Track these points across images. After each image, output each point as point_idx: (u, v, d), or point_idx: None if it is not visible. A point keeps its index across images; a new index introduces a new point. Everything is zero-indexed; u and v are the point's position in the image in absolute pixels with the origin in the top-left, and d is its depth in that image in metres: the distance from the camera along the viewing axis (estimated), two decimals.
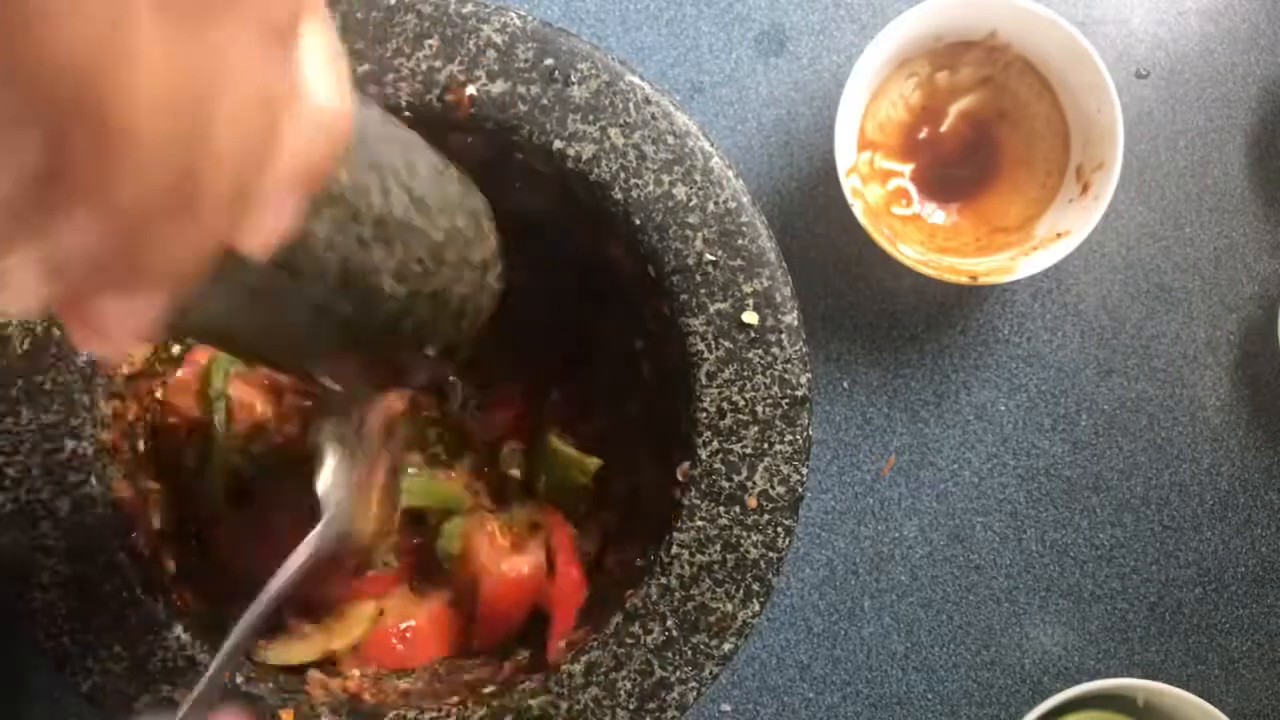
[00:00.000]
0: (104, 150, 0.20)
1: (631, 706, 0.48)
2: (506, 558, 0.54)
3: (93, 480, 0.48)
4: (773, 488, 0.48)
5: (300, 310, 0.33)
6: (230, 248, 0.24)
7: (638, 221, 0.49)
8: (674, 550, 0.48)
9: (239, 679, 0.48)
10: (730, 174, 0.49)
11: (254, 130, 0.23)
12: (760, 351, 0.49)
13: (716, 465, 0.48)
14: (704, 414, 0.49)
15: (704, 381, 0.49)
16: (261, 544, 0.54)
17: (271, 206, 0.25)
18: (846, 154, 0.60)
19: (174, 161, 0.21)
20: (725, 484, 0.48)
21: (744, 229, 0.49)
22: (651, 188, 0.49)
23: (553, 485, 0.55)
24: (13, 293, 0.21)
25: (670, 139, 0.49)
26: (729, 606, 0.48)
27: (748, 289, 0.49)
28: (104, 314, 0.23)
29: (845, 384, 0.65)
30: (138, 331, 0.24)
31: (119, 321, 0.23)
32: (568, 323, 0.57)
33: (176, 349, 0.54)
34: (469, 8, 0.49)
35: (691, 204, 0.49)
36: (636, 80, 0.49)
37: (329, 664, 0.53)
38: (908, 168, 0.64)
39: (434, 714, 0.48)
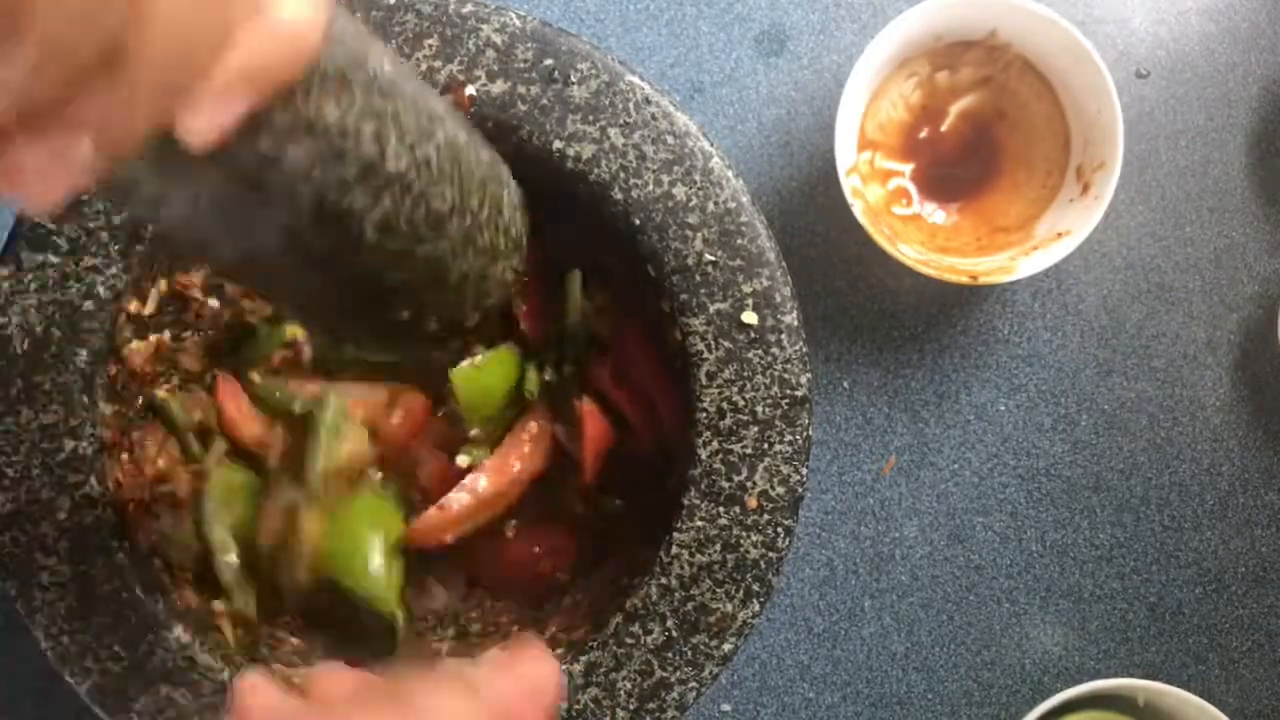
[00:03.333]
0: None
1: (631, 707, 0.48)
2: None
3: (93, 480, 0.48)
4: (773, 488, 0.48)
5: (270, 233, 0.33)
6: (167, 126, 0.25)
7: (637, 222, 0.49)
8: (674, 550, 0.48)
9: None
10: (730, 174, 0.49)
11: (197, 6, 0.24)
12: (760, 351, 0.49)
13: (716, 465, 0.48)
14: (704, 414, 0.49)
15: (704, 381, 0.49)
16: None
17: (215, 98, 0.25)
18: (846, 154, 0.60)
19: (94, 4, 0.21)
20: (725, 484, 0.48)
21: (744, 229, 0.49)
22: (651, 188, 0.49)
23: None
24: None
25: (670, 139, 0.49)
26: (729, 607, 0.48)
27: (747, 289, 0.49)
28: (29, 158, 0.24)
29: (845, 384, 0.65)
30: (61, 183, 0.24)
31: (43, 169, 0.24)
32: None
33: (175, 349, 0.54)
34: (469, 8, 0.49)
35: (691, 204, 0.49)
36: (636, 80, 0.49)
37: None
38: (908, 167, 0.64)
39: None
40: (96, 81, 0.23)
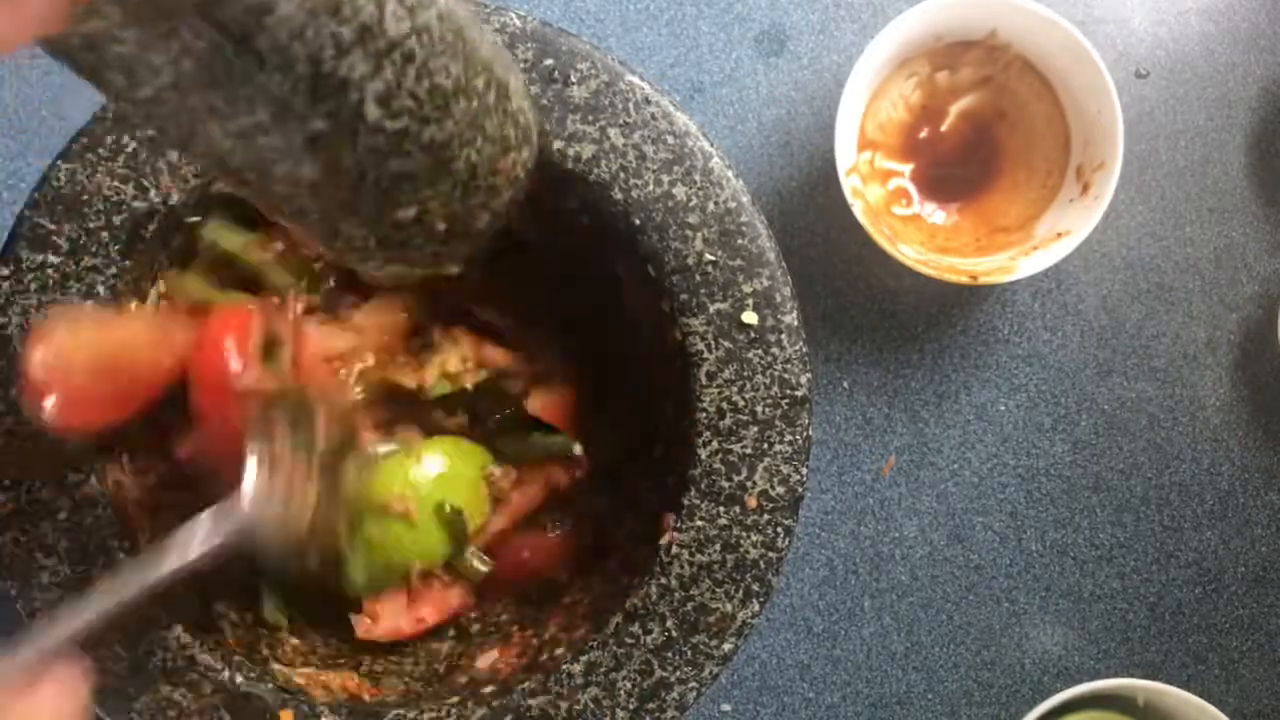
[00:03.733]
0: None
1: (631, 706, 0.48)
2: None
3: (93, 480, 0.48)
4: (773, 488, 0.48)
5: (262, 107, 0.30)
6: None
7: (637, 222, 0.49)
8: (674, 550, 0.48)
9: (238, 679, 0.48)
10: (730, 174, 0.49)
11: None
12: (760, 351, 0.49)
13: (716, 465, 0.48)
14: (704, 414, 0.49)
15: (704, 381, 0.49)
16: None
17: None
18: (846, 154, 0.60)
19: None
20: (725, 484, 0.48)
21: (744, 229, 0.49)
22: (651, 188, 0.49)
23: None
24: None
25: (670, 139, 0.49)
26: (729, 606, 0.48)
27: (748, 289, 0.49)
28: None
29: (845, 384, 0.65)
30: (24, 19, 0.22)
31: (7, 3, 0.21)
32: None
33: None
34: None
35: (691, 204, 0.49)
36: (636, 80, 0.49)
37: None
38: (908, 167, 0.64)
39: (434, 714, 0.48)
40: None
